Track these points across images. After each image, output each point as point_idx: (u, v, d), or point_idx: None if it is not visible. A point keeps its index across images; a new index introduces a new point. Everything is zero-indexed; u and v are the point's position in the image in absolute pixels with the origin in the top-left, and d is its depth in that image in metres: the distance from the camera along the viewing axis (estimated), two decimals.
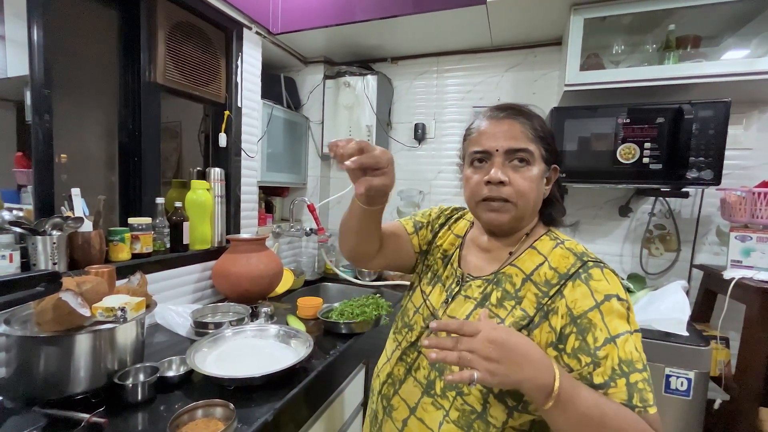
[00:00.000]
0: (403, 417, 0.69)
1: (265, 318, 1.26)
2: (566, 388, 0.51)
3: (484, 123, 0.69)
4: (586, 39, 1.40)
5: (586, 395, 0.52)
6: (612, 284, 0.61)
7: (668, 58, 1.39)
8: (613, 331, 0.57)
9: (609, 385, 0.54)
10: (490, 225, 0.71)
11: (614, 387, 0.54)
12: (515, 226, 0.70)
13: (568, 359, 0.58)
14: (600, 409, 0.51)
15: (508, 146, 0.65)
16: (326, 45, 1.90)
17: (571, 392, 0.51)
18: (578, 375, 0.57)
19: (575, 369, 0.57)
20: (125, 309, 0.83)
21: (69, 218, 1.02)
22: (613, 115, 1.34)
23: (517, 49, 1.81)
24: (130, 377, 0.85)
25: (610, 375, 0.55)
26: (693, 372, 1.11)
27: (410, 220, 0.88)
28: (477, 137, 0.69)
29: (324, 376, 1.05)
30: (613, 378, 0.55)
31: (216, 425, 0.74)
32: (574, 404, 0.51)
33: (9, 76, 1.14)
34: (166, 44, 1.33)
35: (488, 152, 0.67)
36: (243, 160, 1.66)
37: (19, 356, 0.77)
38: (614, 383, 0.54)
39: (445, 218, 0.87)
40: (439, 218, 0.87)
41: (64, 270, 1.01)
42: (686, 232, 1.60)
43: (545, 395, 0.50)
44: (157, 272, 1.28)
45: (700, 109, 1.26)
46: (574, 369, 0.57)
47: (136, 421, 0.77)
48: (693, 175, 1.29)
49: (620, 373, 0.55)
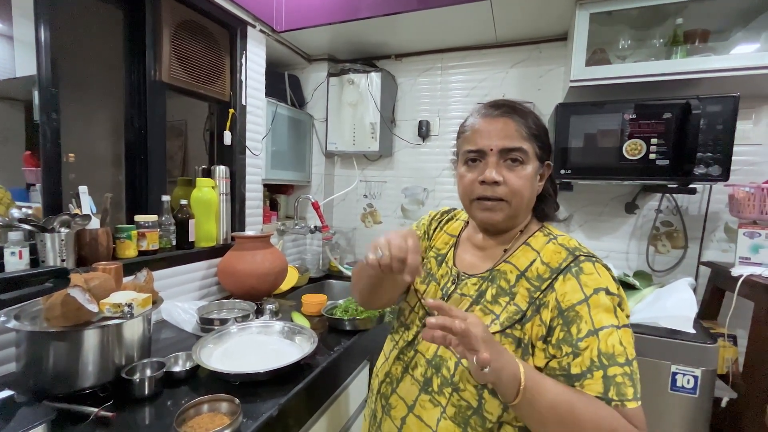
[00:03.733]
0: (402, 415, 0.70)
1: (270, 315, 1.26)
2: (531, 378, 0.52)
3: (479, 121, 0.69)
4: (592, 34, 1.38)
5: (552, 386, 0.53)
6: (603, 278, 0.61)
7: (676, 53, 1.37)
8: (597, 323, 0.57)
9: (585, 376, 0.55)
10: (485, 224, 0.71)
11: (590, 378, 0.55)
12: (509, 224, 0.70)
13: (553, 350, 0.59)
14: (568, 400, 0.52)
15: (503, 145, 0.65)
16: (330, 42, 1.89)
17: (537, 382, 0.53)
18: (557, 364, 0.57)
19: (557, 357, 0.58)
20: (132, 305, 0.84)
21: (77, 216, 1.03)
22: (619, 111, 1.33)
23: (522, 44, 1.80)
24: (137, 372, 0.86)
25: (588, 366, 0.55)
26: (699, 370, 1.10)
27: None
28: (471, 135, 0.69)
29: (328, 372, 1.05)
30: (591, 370, 0.55)
31: (221, 420, 0.74)
32: (541, 395, 0.52)
33: (17, 75, 1.16)
34: (171, 43, 1.34)
35: (482, 151, 0.67)
36: (247, 158, 1.67)
37: (29, 351, 0.79)
38: (591, 375, 0.55)
39: (436, 222, 0.88)
40: (431, 224, 0.88)
41: (72, 267, 1.03)
42: (694, 228, 1.58)
43: (515, 387, 0.51)
44: (163, 269, 1.29)
45: (709, 104, 1.24)
46: (556, 357, 0.58)
47: (143, 415, 0.79)
48: (701, 171, 1.27)
49: (598, 365, 0.55)
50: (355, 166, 2.14)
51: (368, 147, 1.93)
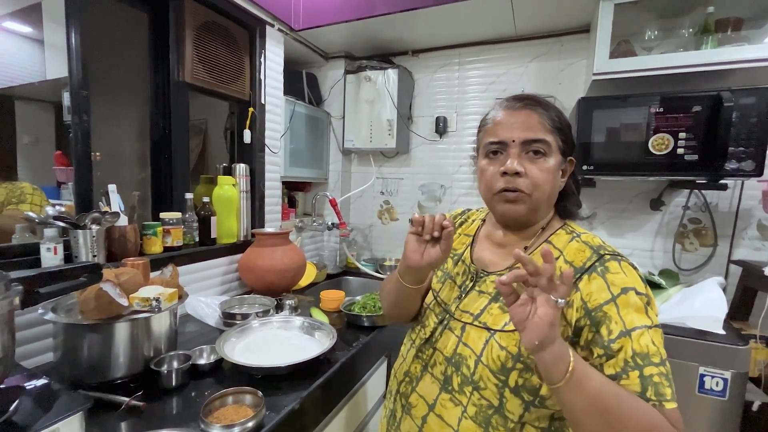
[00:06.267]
0: (423, 414, 0.69)
1: (289, 310, 1.29)
2: (579, 361, 0.52)
3: (500, 113, 0.68)
4: (617, 25, 1.34)
5: (597, 375, 0.53)
6: (630, 277, 0.59)
7: (706, 43, 1.31)
8: (629, 324, 0.55)
9: (621, 376, 0.53)
10: (506, 217, 0.70)
11: (626, 379, 0.53)
12: (530, 218, 0.69)
13: (581, 351, 0.58)
14: (613, 391, 0.51)
15: (525, 137, 0.64)
16: (347, 40, 1.90)
17: (585, 370, 0.52)
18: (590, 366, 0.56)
19: (587, 359, 0.56)
20: (159, 299, 0.87)
21: (106, 213, 1.07)
22: (645, 105, 1.28)
23: (543, 38, 1.76)
24: (165, 364, 0.89)
25: (623, 367, 0.54)
26: (729, 372, 1.06)
27: None
28: (493, 128, 0.68)
29: (347, 368, 1.07)
30: (626, 370, 0.53)
31: (246, 411, 0.76)
32: (588, 378, 0.51)
33: (48, 78, 1.20)
34: (194, 44, 1.37)
35: (504, 143, 0.66)
36: (267, 156, 1.69)
37: (65, 342, 0.83)
38: (626, 375, 0.53)
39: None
40: None
41: (102, 262, 1.07)
42: (724, 226, 1.52)
43: (565, 365, 0.50)
44: (187, 265, 1.33)
45: (741, 96, 1.19)
46: (587, 359, 0.56)
47: (171, 405, 0.82)
48: (732, 166, 1.22)
49: (633, 365, 0.53)
50: (371, 163, 2.15)
51: (385, 144, 1.92)
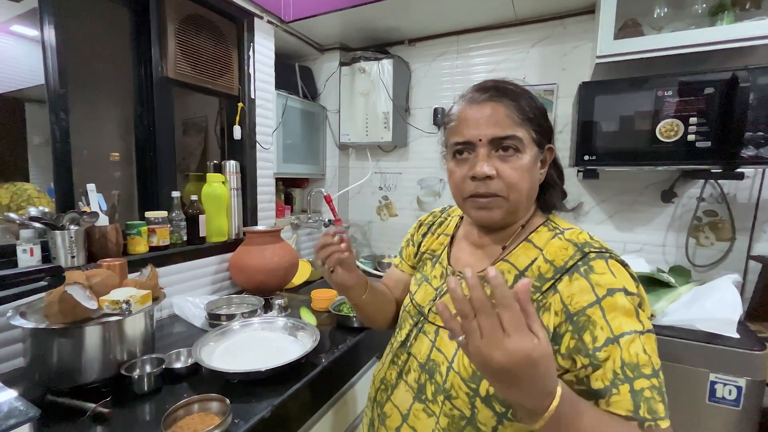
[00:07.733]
0: (396, 425, 0.65)
1: (278, 310, 1.25)
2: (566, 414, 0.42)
3: (464, 108, 0.61)
4: (622, 3, 1.24)
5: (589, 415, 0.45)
6: (618, 277, 0.52)
7: (721, 19, 1.20)
8: (617, 329, 0.49)
9: (610, 391, 0.47)
10: (481, 223, 0.65)
11: (617, 394, 0.47)
12: (509, 220, 0.63)
13: (562, 360, 0.52)
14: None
15: (493, 134, 0.58)
16: (341, 30, 1.84)
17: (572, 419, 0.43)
18: (573, 377, 0.50)
19: (571, 371, 0.51)
20: (129, 302, 0.85)
21: (84, 213, 1.06)
22: (652, 88, 1.18)
23: (544, 21, 1.66)
24: (136, 368, 0.87)
25: (612, 380, 0.47)
26: (744, 379, 0.97)
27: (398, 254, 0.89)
28: (457, 126, 0.62)
29: (332, 370, 1.02)
30: (615, 384, 0.47)
31: (212, 420, 0.73)
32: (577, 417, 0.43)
33: None
34: (177, 38, 1.34)
35: (471, 143, 0.60)
36: (258, 152, 1.66)
37: (33, 347, 0.81)
38: (616, 390, 0.47)
39: (426, 227, 0.83)
40: (420, 229, 0.84)
41: (82, 263, 1.06)
42: (742, 219, 1.40)
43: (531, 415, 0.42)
44: (174, 264, 1.31)
45: (760, 75, 1.07)
46: (570, 371, 0.51)
47: (140, 411, 0.79)
48: (750, 153, 1.11)
49: (623, 378, 0.47)
50: (369, 158, 2.09)
51: (381, 137, 1.86)
